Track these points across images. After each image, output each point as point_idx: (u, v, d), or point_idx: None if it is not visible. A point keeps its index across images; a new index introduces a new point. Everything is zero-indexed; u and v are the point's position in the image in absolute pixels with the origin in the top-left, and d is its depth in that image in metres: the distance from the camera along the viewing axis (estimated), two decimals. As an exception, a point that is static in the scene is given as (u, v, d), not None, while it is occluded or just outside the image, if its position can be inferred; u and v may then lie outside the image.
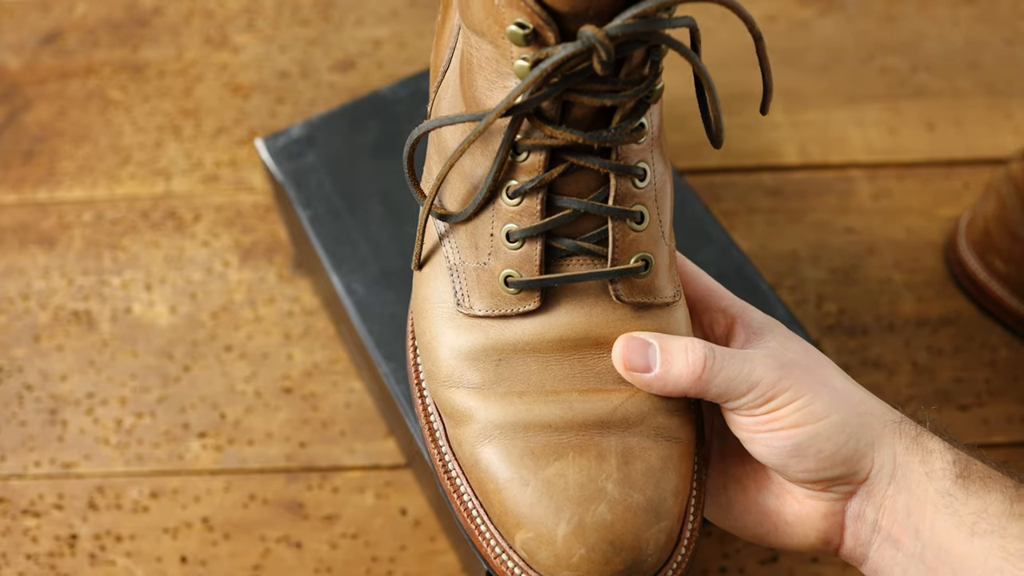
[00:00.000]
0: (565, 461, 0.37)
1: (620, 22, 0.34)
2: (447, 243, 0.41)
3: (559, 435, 0.38)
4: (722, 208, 0.72)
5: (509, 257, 0.39)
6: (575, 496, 0.37)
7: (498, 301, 0.39)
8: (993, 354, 0.66)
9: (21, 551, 0.61)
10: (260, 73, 0.81)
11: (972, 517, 0.38)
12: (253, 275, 0.71)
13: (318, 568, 0.60)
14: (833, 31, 0.81)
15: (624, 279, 0.39)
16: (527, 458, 0.37)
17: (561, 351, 0.39)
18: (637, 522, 0.37)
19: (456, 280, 0.41)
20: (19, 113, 0.80)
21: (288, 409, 0.66)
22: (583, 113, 0.37)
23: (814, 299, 0.68)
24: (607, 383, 0.39)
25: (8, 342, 0.69)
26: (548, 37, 0.35)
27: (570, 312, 0.39)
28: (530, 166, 0.38)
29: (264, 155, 0.61)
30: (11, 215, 0.75)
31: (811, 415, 0.38)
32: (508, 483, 0.37)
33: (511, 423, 0.38)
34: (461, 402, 0.39)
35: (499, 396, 0.39)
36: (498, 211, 0.39)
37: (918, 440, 0.40)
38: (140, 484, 0.64)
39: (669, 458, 0.38)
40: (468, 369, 0.40)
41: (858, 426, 0.39)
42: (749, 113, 0.77)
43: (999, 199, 0.65)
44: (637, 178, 0.39)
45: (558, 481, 0.37)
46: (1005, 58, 0.79)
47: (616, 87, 0.37)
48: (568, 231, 0.39)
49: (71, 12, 0.85)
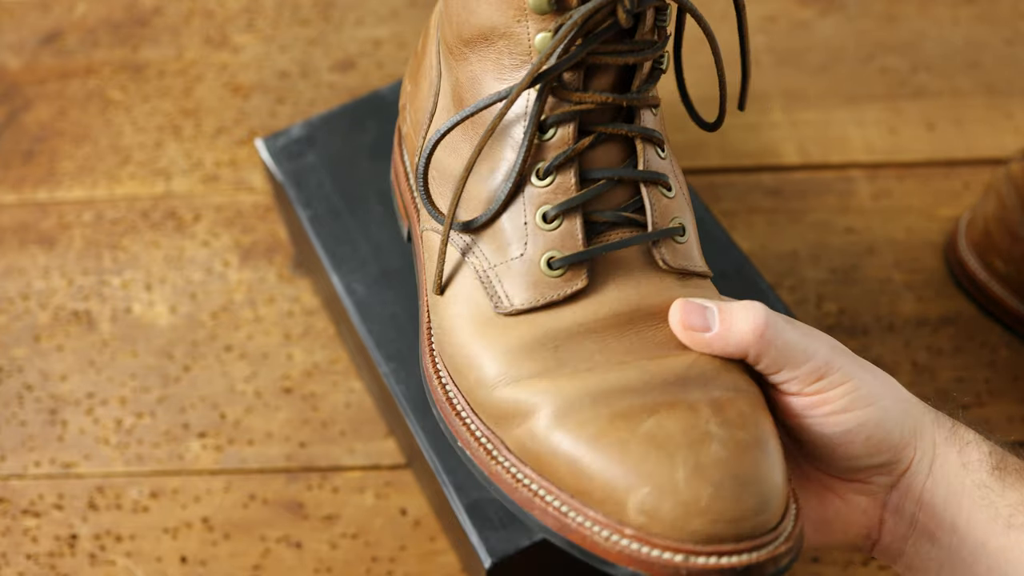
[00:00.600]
0: (659, 416, 0.36)
1: None
2: (471, 257, 0.41)
3: (643, 396, 0.36)
4: (722, 208, 0.72)
5: (549, 239, 0.39)
6: (683, 441, 0.35)
7: (542, 289, 0.39)
8: (993, 354, 0.66)
9: (21, 551, 0.61)
10: (260, 73, 0.81)
11: (1009, 509, 0.37)
12: (253, 275, 0.71)
13: (318, 568, 0.60)
14: (833, 31, 0.81)
15: (667, 243, 0.39)
16: (618, 420, 0.36)
17: (617, 327, 0.38)
18: (751, 457, 0.35)
19: (490, 283, 0.40)
20: (19, 113, 0.80)
21: (288, 409, 0.66)
22: (604, 82, 0.38)
23: (814, 299, 0.68)
24: (671, 350, 0.38)
25: (8, 342, 0.69)
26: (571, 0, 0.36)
27: (618, 287, 0.39)
28: (559, 141, 0.38)
29: (264, 155, 0.61)
30: (11, 215, 0.75)
31: (861, 400, 0.38)
32: (606, 450, 0.35)
33: (589, 396, 0.36)
34: (523, 396, 0.37)
35: (567, 377, 0.37)
36: (529, 197, 0.39)
37: (955, 431, 0.39)
38: (140, 484, 0.64)
39: (757, 404, 0.37)
40: (525, 361, 0.38)
41: (903, 413, 0.39)
42: (749, 113, 0.77)
43: (999, 199, 0.65)
44: (659, 147, 0.40)
45: (659, 432, 0.35)
46: (1005, 58, 0.79)
47: (634, 46, 0.38)
48: (604, 204, 0.39)
49: (71, 12, 0.85)
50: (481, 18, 0.38)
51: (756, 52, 0.80)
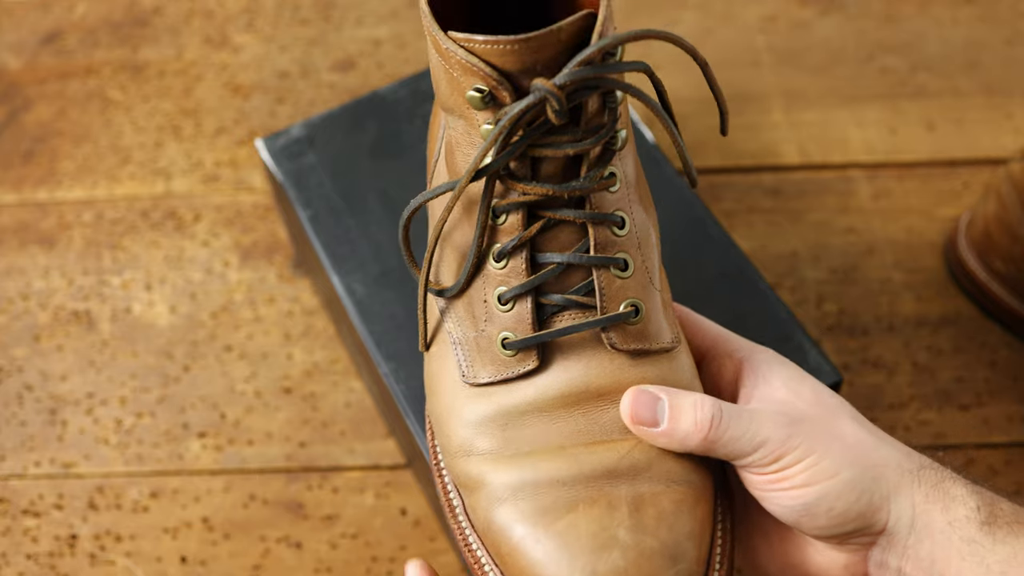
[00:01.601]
0: (576, 514, 0.37)
1: (568, 71, 0.36)
2: (448, 319, 0.42)
3: (569, 489, 0.38)
4: (722, 208, 0.72)
5: (503, 320, 0.40)
6: (587, 546, 0.36)
7: (499, 367, 0.40)
8: (993, 354, 0.66)
9: (21, 551, 0.61)
10: (260, 73, 0.81)
11: (1000, 566, 0.37)
12: (253, 275, 0.71)
13: (318, 568, 0.60)
14: (833, 31, 0.81)
15: (616, 327, 0.40)
16: (538, 515, 0.37)
17: (564, 407, 0.39)
18: (652, 567, 0.36)
19: (459, 353, 0.41)
20: (19, 113, 0.80)
21: (288, 409, 0.66)
22: (552, 169, 0.39)
23: (814, 299, 0.68)
24: (612, 433, 0.39)
25: (8, 342, 0.69)
26: (504, 97, 0.37)
27: (568, 368, 0.40)
28: (510, 227, 0.39)
29: (264, 155, 0.61)
30: (11, 215, 0.75)
31: (821, 473, 0.38)
32: (522, 541, 0.37)
33: (521, 483, 0.38)
34: (473, 470, 0.40)
35: (507, 459, 0.39)
36: (488, 277, 0.40)
37: (939, 486, 0.39)
38: (140, 484, 0.64)
39: (682, 502, 0.38)
40: (477, 437, 0.40)
41: (871, 480, 0.38)
42: (749, 113, 0.77)
43: (999, 199, 0.65)
44: (616, 226, 0.40)
45: (570, 532, 0.37)
46: (1005, 58, 0.79)
47: (577, 136, 0.38)
48: (556, 287, 0.40)
49: (71, 12, 0.85)
50: (444, 97, 0.39)
51: (756, 52, 0.80)
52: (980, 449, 0.63)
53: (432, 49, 0.39)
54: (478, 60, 0.37)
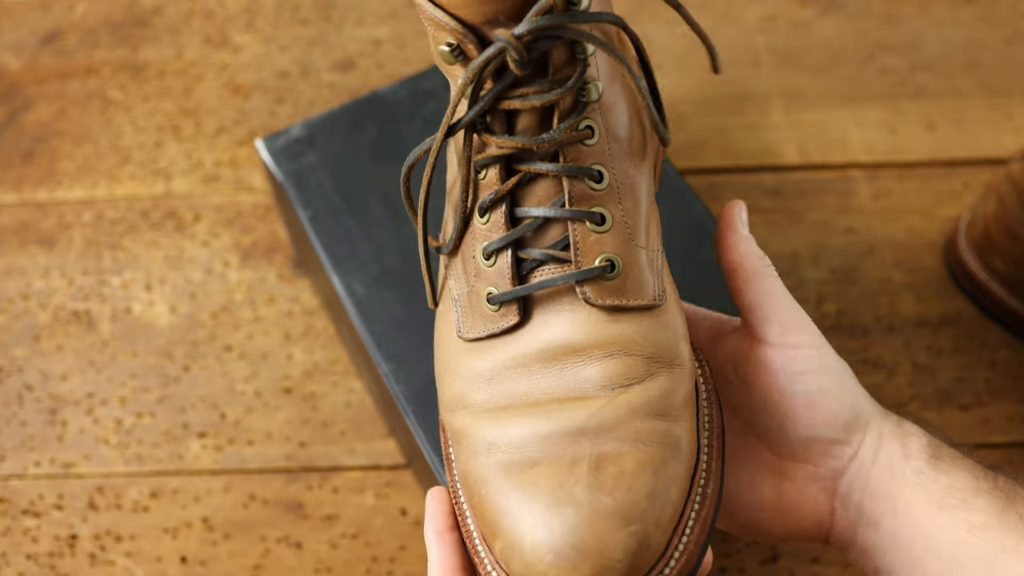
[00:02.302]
0: (539, 469, 0.37)
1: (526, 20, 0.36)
2: (450, 276, 0.42)
3: (537, 445, 0.38)
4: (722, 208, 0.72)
5: (489, 275, 0.40)
6: (544, 501, 0.36)
7: (486, 322, 0.40)
8: (993, 354, 0.66)
9: (21, 551, 0.61)
10: (260, 73, 0.81)
11: (940, 492, 0.40)
12: (253, 275, 0.71)
13: (318, 568, 0.60)
14: (833, 31, 0.81)
15: (591, 281, 0.39)
16: (506, 468, 0.38)
17: (543, 362, 0.39)
18: (603, 525, 0.36)
19: (456, 310, 0.42)
20: (19, 113, 0.80)
21: (288, 409, 0.66)
22: (527, 122, 0.39)
23: (814, 299, 0.68)
24: (587, 390, 0.39)
25: (8, 342, 0.69)
26: (471, 50, 0.37)
27: (548, 323, 0.40)
28: (489, 182, 0.40)
29: (264, 155, 0.61)
30: (11, 215, 0.75)
31: (829, 370, 0.42)
32: (488, 494, 0.38)
33: (494, 437, 0.39)
34: (459, 423, 0.40)
35: (489, 413, 0.39)
36: (475, 232, 0.40)
37: (900, 425, 0.42)
38: (140, 484, 0.64)
39: (647, 462, 0.37)
40: (468, 391, 0.40)
41: (861, 399, 0.42)
42: (749, 113, 0.77)
43: (999, 199, 0.65)
44: (592, 179, 0.40)
45: (530, 487, 0.37)
46: (1005, 58, 0.79)
47: (544, 88, 0.38)
48: (536, 241, 0.40)
49: (71, 12, 0.85)
50: (435, 58, 0.40)
51: (756, 52, 0.80)
52: (980, 449, 0.63)
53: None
54: (443, 13, 0.37)
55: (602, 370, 0.39)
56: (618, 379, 0.39)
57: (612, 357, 0.39)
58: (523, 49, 0.36)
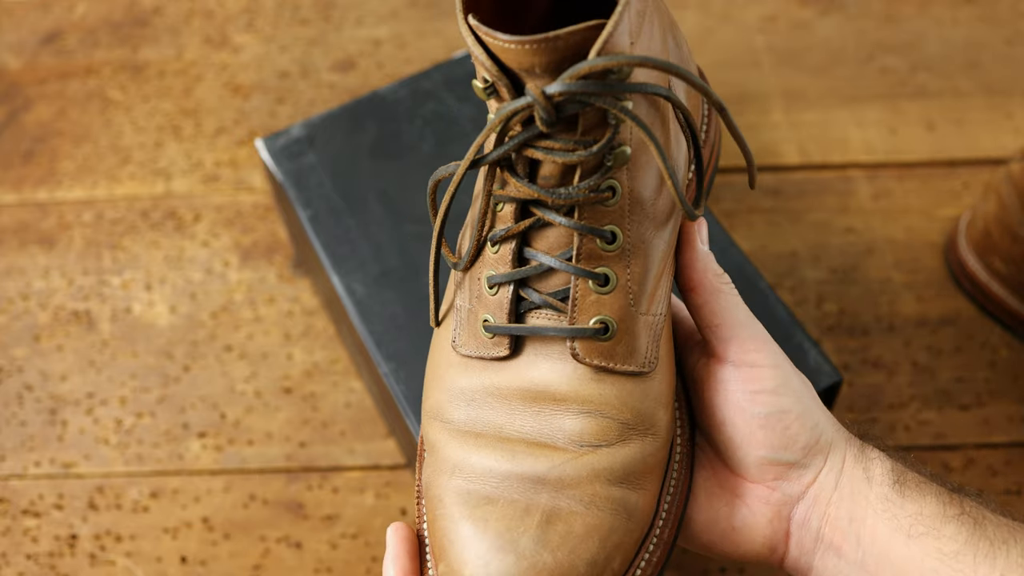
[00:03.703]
0: (493, 507, 0.38)
1: (559, 81, 0.35)
2: (459, 289, 0.43)
3: (497, 482, 0.38)
4: (722, 208, 0.72)
5: (489, 303, 0.41)
6: (489, 542, 0.37)
7: (479, 344, 0.41)
8: (993, 354, 0.66)
9: (21, 551, 0.61)
10: (260, 73, 0.81)
11: (908, 520, 0.39)
12: (253, 275, 0.71)
13: (318, 568, 0.60)
14: (833, 31, 0.81)
15: (583, 340, 0.40)
16: (463, 496, 0.38)
17: (523, 401, 0.40)
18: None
19: (456, 321, 0.42)
20: (19, 113, 0.80)
21: (288, 409, 0.66)
22: (550, 171, 0.38)
23: (814, 299, 0.68)
24: (557, 440, 0.39)
25: (8, 342, 0.69)
26: (503, 92, 0.37)
27: (535, 364, 0.40)
28: (504, 216, 0.40)
29: (264, 155, 0.61)
30: (11, 215, 0.75)
31: (788, 388, 0.41)
32: (444, 515, 0.39)
33: (460, 461, 0.39)
34: (432, 434, 0.41)
35: (460, 434, 0.40)
36: (486, 258, 0.41)
37: (863, 450, 0.41)
38: (140, 484, 0.64)
39: (596, 528, 0.38)
40: (447, 405, 0.41)
41: (822, 421, 0.41)
42: (749, 113, 0.77)
43: (999, 199, 0.65)
44: (604, 240, 0.40)
45: (481, 524, 0.38)
46: (1005, 58, 0.79)
47: (569, 146, 0.37)
48: (539, 283, 0.40)
49: (71, 12, 0.85)
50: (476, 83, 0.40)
51: (756, 52, 0.80)
52: (980, 449, 0.63)
53: None
54: (482, 51, 0.37)
55: (576, 425, 0.39)
56: (589, 438, 0.39)
57: (588, 415, 0.39)
58: (551, 108, 0.36)
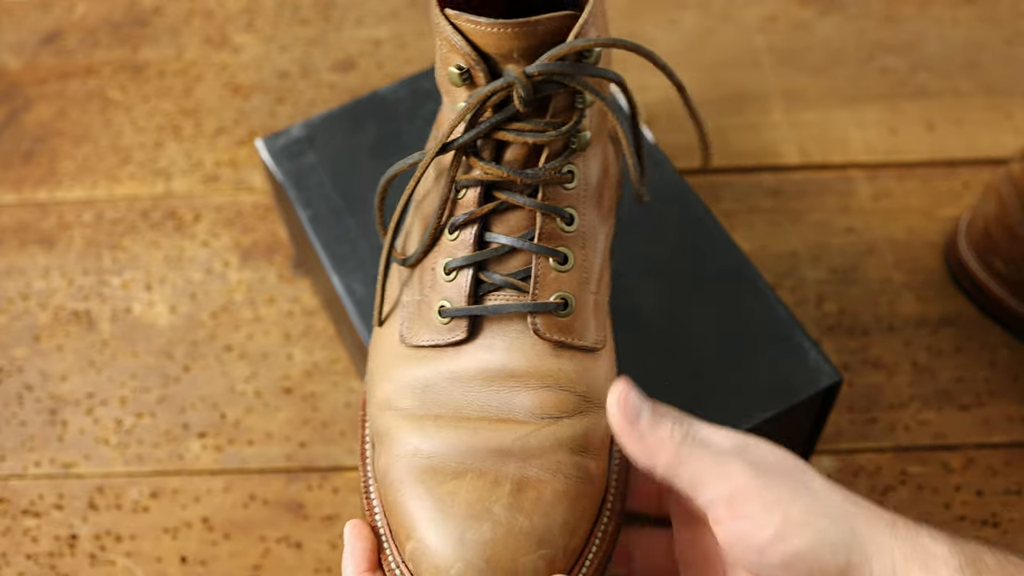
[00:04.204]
0: (461, 481, 0.38)
1: (539, 62, 0.38)
2: (406, 286, 0.44)
3: (462, 458, 0.39)
4: (722, 208, 0.72)
5: (445, 289, 0.42)
6: (462, 513, 0.38)
7: (432, 332, 0.42)
8: (993, 354, 0.66)
9: (21, 551, 0.61)
10: (260, 73, 0.81)
11: None
12: (253, 275, 0.71)
13: (318, 568, 0.60)
14: (833, 31, 0.81)
15: (544, 315, 0.41)
16: (427, 475, 0.39)
17: (481, 381, 0.41)
18: (516, 544, 0.37)
19: (403, 315, 0.43)
20: (19, 113, 0.80)
21: (288, 409, 0.66)
22: (514, 155, 0.41)
23: (814, 299, 0.68)
24: (518, 415, 0.40)
25: (8, 342, 0.69)
26: (479, 78, 0.39)
27: (493, 345, 0.41)
28: (466, 202, 0.42)
29: (264, 155, 0.61)
30: (11, 215, 0.75)
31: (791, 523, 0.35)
32: (407, 496, 0.39)
33: (421, 442, 0.40)
34: (386, 423, 0.41)
35: (418, 419, 0.41)
36: (441, 247, 0.42)
37: (917, 542, 0.36)
38: (140, 484, 0.64)
39: (564, 493, 0.39)
40: (399, 394, 0.42)
41: (847, 533, 0.36)
42: (749, 113, 0.77)
43: (999, 199, 0.65)
44: (564, 221, 0.42)
45: (449, 499, 0.38)
46: (1005, 58, 0.79)
47: (539, 127, 0.40)
48: (498, 267, 0.42)
49: (71, 12, 0.85)
50: (438, 74, 0.42)
51: (756, 52, 0.80)
52: (980, 449, 0.63)
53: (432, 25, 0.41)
54: (461, 38, 0.39)
55: (536, 399, 0.40)
56: (549, 410, 0.40)
57: (547, 389, 0.41)
58: (531, 88, 0.38)
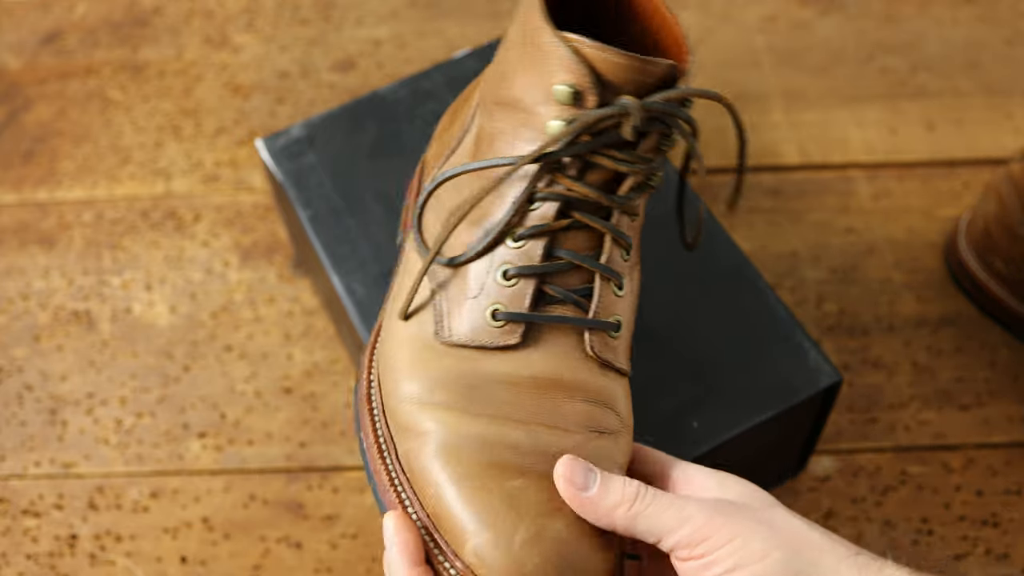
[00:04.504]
0: (528, 479, 0.39)
1: (658, 98, 0.40)
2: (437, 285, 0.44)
3: (524, 457, 0.40)
4: (722, 208, 0.72)
5: (501, 293, 0.42)
6: (535, 510, 0.38)
7: (479, 332, 0.42)
8: (993, 354, 0.66)
9: (21, 551, 0.61)
10: (260, 73, 0.81)
11: None
12: (253, 275, 0.71)
13: (318, 568, 0.60)
14: (833, 31, 0.81)
15: (599, 333, 0.42)
16: (492, 469, 0.39)
17: (533, 389, 0.41)
18: (590, 545, 0.39)
19: (440, 313, 0.43)
20: (19, 113, 0.80)
21: (288, 409, 0.66)
22: (596, 179, 0.42)
23: (814, 299, 0.68)
24: (570, 425, 0.41)
25: (8, 342, 0.69)
26: (589, 100, 0.40)
27: (545, 355, 0.42)
28: (540, 215, 0.42)
29: (264, 155, 0.61)
30: (11, 215, 0.75)
31: (750, 556, 0.37)
32: (468, 491, 0.39)
33: (478, 437, 0.40)
34: (424, 416, 0.41)
35: (469, 414, 0.41)
36: (500, 254, 0.43)
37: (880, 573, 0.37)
38: (140, 484, 0.64)
39: None
40: (437, 388, 0.41)
41: (807, 564, 0.37)
42: (749, 113, 0.77)
43: (999, 199, 0.65)
44: (625, 250, 0.44)
45: (520, 495, 0.39)
46: (1005, 58, 0.79)
47: (632, 158, 0.42)
48: (560, 281, 0.43)
49: (71, 12, 0.85)
50: (513, 90, 0.42)
51: (756, 52, 0.80)
52: (980, 449, 0.63)
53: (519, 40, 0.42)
54: (579, 61, 0.40)
55: (584, 412, 0.41)
56: (596, 425, 0.42)
57: (594, 404, 0.42)
58: (644, 120, 0.40)
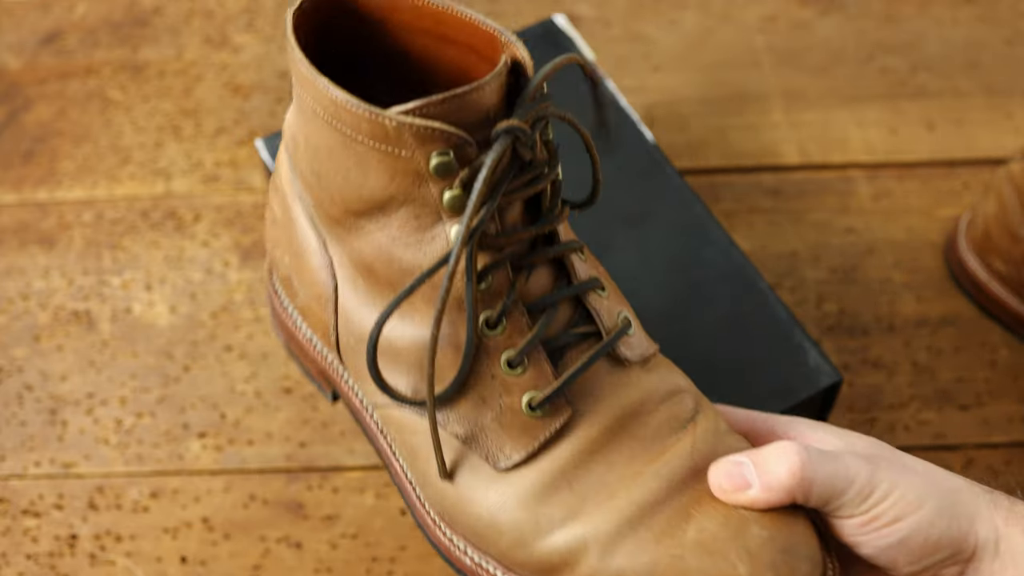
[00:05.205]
0: (695, 519, 0.37)
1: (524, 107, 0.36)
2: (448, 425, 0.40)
3: (671, 503, 0.37)
4: (722, 208, 0.72)
5: (520, 383, 0.39)
6: (727, 536, 0.36)
7: (534, 432, 0.38)
8: (993, 354, 0.66)
9: (21, 551, 0.61)
10: (260, 73, 0.81)
11: None
12: (253, 275, 0.71)
13: (318, 568, 0.60)
14: (833, 31, 0.81)
15: (622, 342, 0.40)
16: (664, 538, 0.37)
17: (612, 439, 0.39)
18: (787, 522, 0.37)
19: (480, 445, 0.39)
20: (19, 113, 0.80)
21: (288, 409, 0.66)
22: (515, 213, 0.38)
23: (814, 299, 0.68)
24: (666, 439, 0.39)
25: (8, 342, 0.69)
26: (470, 153, 0.36)
27: (596, 400, 0.39)
28: (498, 287, 0.38)
29: (264, 155, 0.61)
30: (11, 215, 0.75)
31: (908, 506, 0.38)
32: (666, 571, 0.36)
33: (626, 524, 0.37)
34: (563, 543, 0.38)
35: (596, 511, 0.38)
36: (487, 349, 0.38)
37: (1014, 509, 0.39)
38: (140, 484, 0.64)
39: None
40: (548, 509, 0.38)
41: (954, 505, 0.39)
42: (749, 113, 0.77)
43: (999, 199, 0.65)
44: (579, 252, 0.40)
45: (703, 536, 0.36)
46: (1005, 58, 0.79)
47: (536, 172, 0.38)
48: (555, 328, 0.39)
49: (71, 12, 0.85)
50: (373, 191, 0.37)
51: (756, 52, 0.80)
52: (980, 449, 0.63)
53: (339, 143, 0.37)
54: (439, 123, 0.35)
55: (666, 415, 0.39)
56: (684, 416, 0.39)
57: (665, 402, 0.40)
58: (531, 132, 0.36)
